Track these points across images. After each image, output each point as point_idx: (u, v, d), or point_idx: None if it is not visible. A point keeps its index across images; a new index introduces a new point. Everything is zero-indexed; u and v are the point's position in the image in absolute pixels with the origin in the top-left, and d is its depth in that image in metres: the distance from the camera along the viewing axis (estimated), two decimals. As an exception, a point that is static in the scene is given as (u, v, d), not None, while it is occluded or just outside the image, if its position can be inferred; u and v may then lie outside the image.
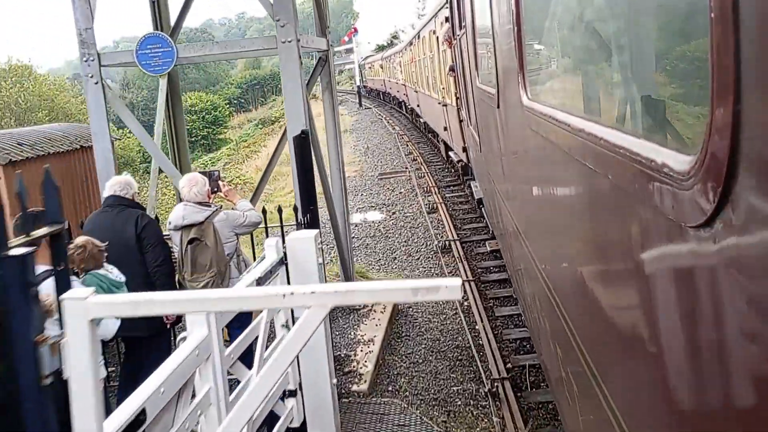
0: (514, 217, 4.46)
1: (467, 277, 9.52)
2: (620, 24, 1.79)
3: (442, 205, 14.34)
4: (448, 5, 11.11)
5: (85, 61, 6.56)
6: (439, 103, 15.43)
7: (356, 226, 13.34)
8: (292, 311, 3.83)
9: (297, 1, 6.89)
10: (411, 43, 24.21)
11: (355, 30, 62.75)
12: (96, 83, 6.62)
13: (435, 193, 15.71)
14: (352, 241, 12.10)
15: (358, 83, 55.85)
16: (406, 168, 19.61)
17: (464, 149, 11.88)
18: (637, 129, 1.62)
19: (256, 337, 3.67)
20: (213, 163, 46.66)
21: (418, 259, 11.18)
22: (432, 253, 11.27)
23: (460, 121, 11.65)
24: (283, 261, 4.04)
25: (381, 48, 59.49)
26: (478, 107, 6.95)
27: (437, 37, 14.45)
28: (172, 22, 8.29)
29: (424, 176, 18.21)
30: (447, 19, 11.37)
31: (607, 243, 1.90)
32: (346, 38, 67.04)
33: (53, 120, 29.72)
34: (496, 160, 5.29)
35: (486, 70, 5.48)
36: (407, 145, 25.00)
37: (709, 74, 1.02)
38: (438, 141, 19.79)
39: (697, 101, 1.20)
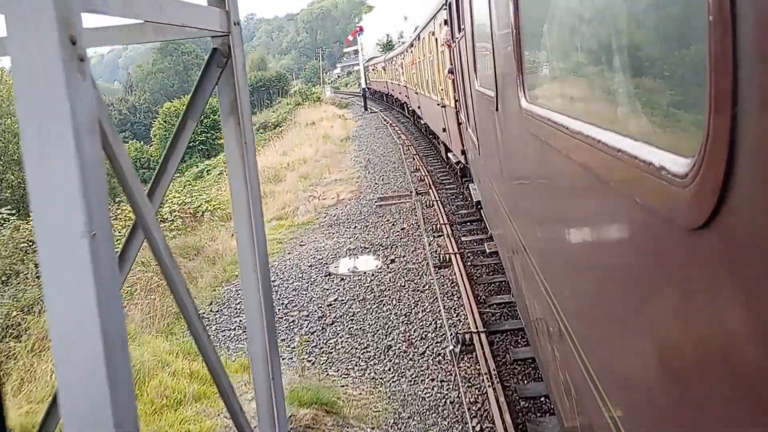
0: (510, 214, 4.46)
1: (503, 428, 5.52)
2: (618, 27, 1.80)
3: (458, 256, 10.21)
4: (446, 7, 11.15)
5: None
6: (438, 104, 15.47)
7: (342, 280, 10.52)
8: None
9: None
10: (412, 45, 24.37)
11: (361, 29, 57.89)
12: None
13: (447, 235, 11.64)
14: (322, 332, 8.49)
15: (363, 86, 52.96)
16: (411, 192, 16.11)
17: (463, 152, 11.90)
18: (635, 131, 1.62)
19: None
20: (209, 171, 43.31)
21: (423, 355, 7.37)
22: (443, 348, 7.36)
23: (459, 124, 11.67)
24: None
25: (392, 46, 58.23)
26: (477, 110, 6.96)
27: (436, 39, 14.49)
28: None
29: (433, 205, 14.38)
30: (446, 22, 11.40)
31: (606, 246, 1.90)
32: (350, 38, 63.35)
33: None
34: (495, 162, 5.30)
35: (485, 73, 5.49)
36: (413, 159, 21.76)
37: (707, 77, 1.03)
38: (439, 143, 19.79)
39: (695, 104, 1.20)
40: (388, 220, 14.04)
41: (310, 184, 19.76)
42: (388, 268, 10.82)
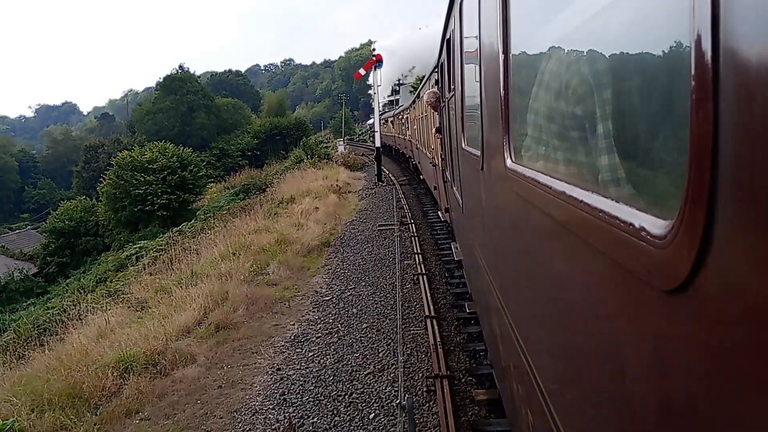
0: (489, 271, 4.47)
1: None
2: (603, 94, 1.86)
3: None
4: (437, 70, 11.46)
5: None
6: (430, 163, 15.75)
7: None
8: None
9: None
10: (414, 102, 25.26)
11: (378, 59, 34.50)
12: None
13: None
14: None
15: (377, 143, 35.20)
16: None
17: (447, 210, 12.00)
18: (616, 193, 1.65)
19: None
20: (139, 257, 25.91)
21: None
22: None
23: (444, 182, 11.80)
24: None
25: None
26: (462, 169, 7.06)
27: (428, 99, 14.86)
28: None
29: None
30: (437, 82, 11.69)
31: (583, 304, 1.90)
32: (362, 71, 39.10)
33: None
34: (478, 219, 5.35)
35: (472, 132, 5.60)
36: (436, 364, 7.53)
37: (687, 143, 1.06)
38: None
39: (674, 168, 1.23)
40: None
41: None
42: None
